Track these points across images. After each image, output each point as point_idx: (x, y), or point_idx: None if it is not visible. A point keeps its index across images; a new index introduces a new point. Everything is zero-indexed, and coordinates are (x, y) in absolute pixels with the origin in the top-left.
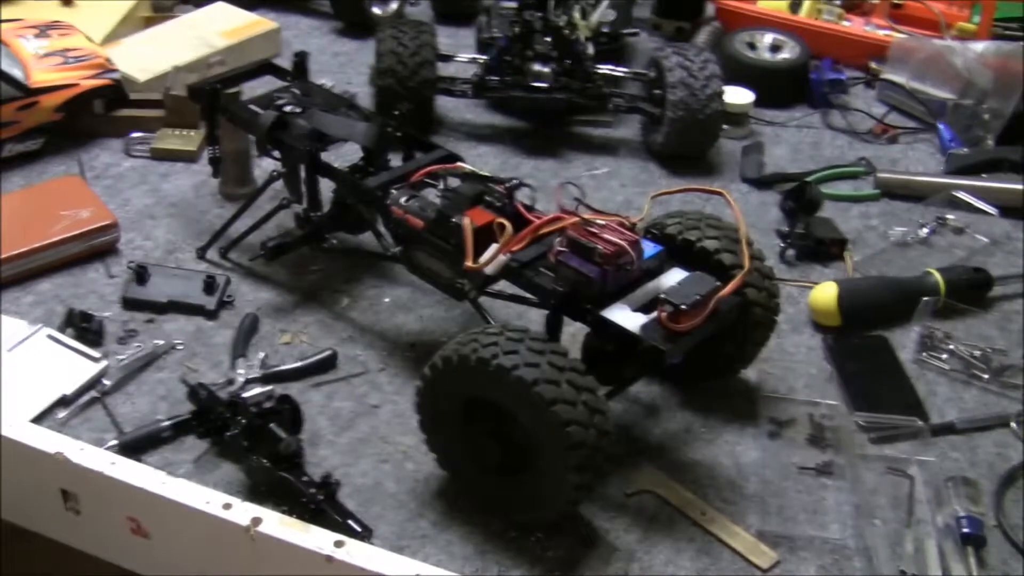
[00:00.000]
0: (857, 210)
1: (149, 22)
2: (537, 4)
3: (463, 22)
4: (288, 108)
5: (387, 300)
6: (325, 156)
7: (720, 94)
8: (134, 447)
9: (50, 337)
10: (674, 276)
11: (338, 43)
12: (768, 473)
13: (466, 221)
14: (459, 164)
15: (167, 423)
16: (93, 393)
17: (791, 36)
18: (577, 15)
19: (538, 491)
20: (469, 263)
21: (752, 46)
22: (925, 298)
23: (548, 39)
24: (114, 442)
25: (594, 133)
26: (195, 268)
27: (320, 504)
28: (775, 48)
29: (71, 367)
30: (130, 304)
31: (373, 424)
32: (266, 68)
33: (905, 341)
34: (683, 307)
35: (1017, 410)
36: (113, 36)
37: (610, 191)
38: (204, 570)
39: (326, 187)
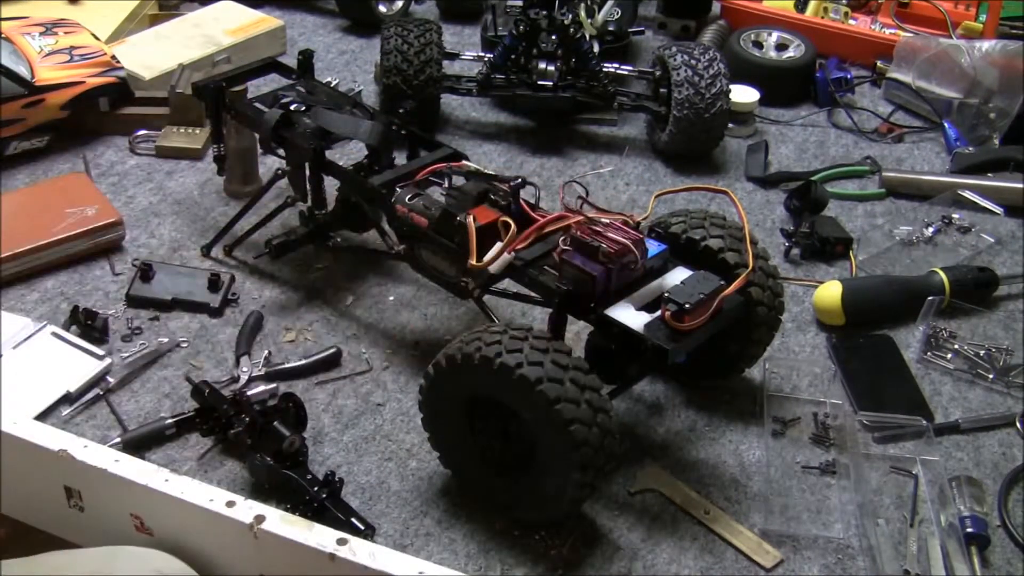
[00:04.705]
0: (862, 209)
1: (155, 20)
2: (543, 2)
3: (468, 20)
4: (293, 106)
5: (391, 298)
6: (330, 154)
7: (726, 93)
8: (138, 444)
9: (54, 334)
10: (678, 275)
11: (343, 41)
12: (772, 472)
13: (470, 219)
14: (464, 162)
15: (171, 420)
16: (97, 390)
17: (797, 35)
18: (583, 13)
19: (541, 490)
20: (473, 261)
21: (758, 45)
22: (930, 297)
23: (553, 37)
24: (118, 439)
25: (599, 132)
26: (200, 266)
27: (323, 502)
28: (781, 47)
29: (75, 364)
30: (134, 302)
31: (377, 422)
32: (271, 66)
33: (910, 340)
34: (687, 306)
35: (1022, 410)
36: (119, 34)
37: (615, 190)
38: (208, 568)
39: (331, 185)
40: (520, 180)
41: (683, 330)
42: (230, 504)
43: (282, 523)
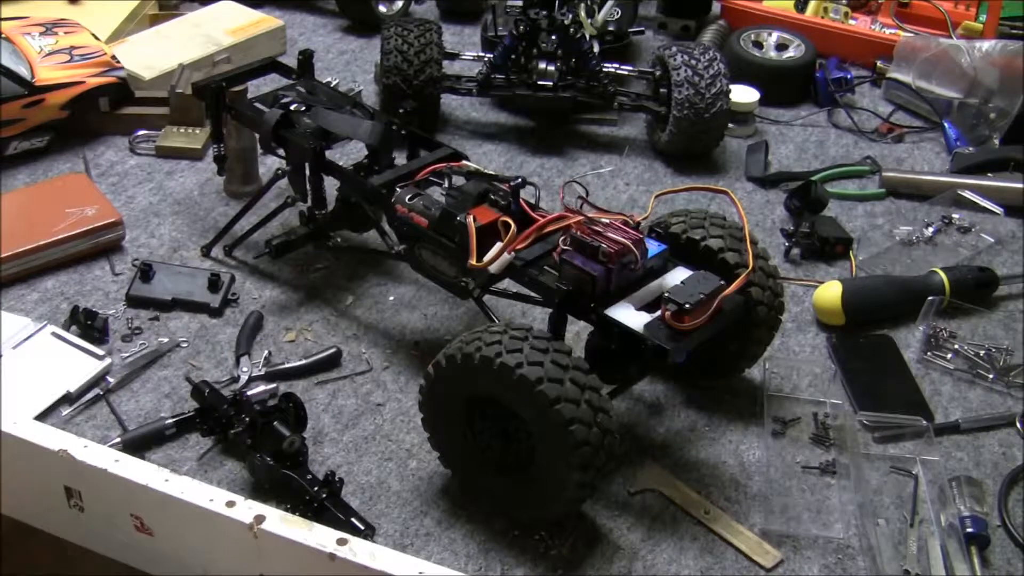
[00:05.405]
0: (862, 209)
1: (155, 20)
2: (543, 2)
3: (469, 20)
4: (293, 106)
5: (391, 298)
6: (330, 154)
7: (726, 93)
8: (138, 444)
9: (55, 334)
10: (678, 275)
11: (343, 41)
12: (772, 472)
13: (470, 219)
14: (464, 162)
15: (171, 420)
16: (97, 390)
17: (797, 35)
18: (583, 13)
19: (541, 490)
20: (473, 261)
21: (758, 45)
22: (930, 297)
23: (553, 37)
24: (118, 439)
25: (599, 132)
26: (200, 266)
27: (323, 502)
28: (781, 47)
29: (75, 364)
30: (135, 302)
31: (377, 422)
32: (271, 66)
33: (910, 340)
34: (687, 306)
35: (1022, 410)
36: (119, 34)
37: (615, 190)
38: (207, 568)
39: (331, 185)
40: (520, 180)
41: (683, 330)
42: (230, 504)
43: (282, 523)
